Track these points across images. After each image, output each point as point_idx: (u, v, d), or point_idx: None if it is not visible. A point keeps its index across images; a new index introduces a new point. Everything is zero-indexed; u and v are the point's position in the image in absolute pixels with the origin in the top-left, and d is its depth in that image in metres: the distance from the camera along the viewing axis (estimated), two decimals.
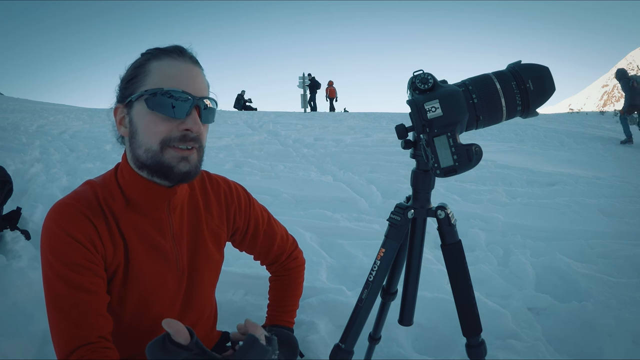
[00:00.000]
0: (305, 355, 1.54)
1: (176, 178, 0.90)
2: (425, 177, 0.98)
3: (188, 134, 0.88)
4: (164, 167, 0.89)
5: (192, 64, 0.92)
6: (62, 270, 0.86)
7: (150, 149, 0.88)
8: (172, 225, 1.00)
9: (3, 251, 2.25)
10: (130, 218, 0.95)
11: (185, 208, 1.04)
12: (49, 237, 0.89)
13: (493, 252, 2.57)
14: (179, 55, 0.91)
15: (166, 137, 0.87)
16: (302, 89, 19.83)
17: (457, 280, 1.01)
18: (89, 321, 0.85)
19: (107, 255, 0.92)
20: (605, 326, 1.70)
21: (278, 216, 1.35)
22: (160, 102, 0.86)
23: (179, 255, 1.02)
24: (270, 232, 1.23)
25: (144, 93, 0.87)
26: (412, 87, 0.86)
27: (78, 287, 0.86)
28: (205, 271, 1.08)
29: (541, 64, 0.87)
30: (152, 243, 0.98)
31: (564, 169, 5.16)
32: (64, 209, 0.90)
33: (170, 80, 0.88)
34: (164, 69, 0.89)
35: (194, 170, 0.91)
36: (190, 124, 0.88)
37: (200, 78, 0.93)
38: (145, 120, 0.88)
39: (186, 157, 0.89)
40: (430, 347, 1.70)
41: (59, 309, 0.86)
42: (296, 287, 1.30)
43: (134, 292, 0.97)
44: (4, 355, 1.47)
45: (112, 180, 0.97)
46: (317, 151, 6.12)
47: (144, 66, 0.90)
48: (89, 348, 0.84)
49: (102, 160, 4.99)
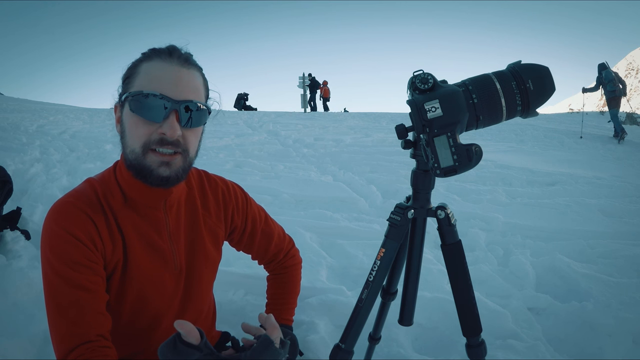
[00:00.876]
0: (305, 355, 1.54)
1: (155, 182, 0.90)
2: (425, 177, 0.98)
3: (165, 138, 0.87)
4: (144, 169, 0.89)
5: (181, 65, 0.91)
6: (61, 268, 0.87)
7: (134, 151, 0.89)
8: (168, 223, 1.01)
9: (3, 251, 2.25)
10: (129, 216, 0.96)
11: (183, 207, 1.05)
12: (49, 236, 0.89)
13: (493, 252, 2.57)
14: (168, 56, 0.90)
15: (146, 140, 0.88)
16: (302, 89, 19.82)
17: (457, 280, 1.01)
18: (88, 320, 0.86)
19: (106, 252, 0.93)
20: (605, 326, 1.70)
21: (278, 216, 1.35)
22: (140, 105, 0.87)
23: (176, 254, 1.02)
24: (268, 230, 1.24)
25: (128, 95, 0.89)
26: (412, 87, 0.86)
27: (77, 286, 0.86)
28: (203, 269, 1.09)
29: (541, 64, 0.87)
30: (149, 241, 0.98)
31: (564, 169, 5.16)
32: (63, 208, 0.91)
33: (152, 83, 0.88)
34: (150, 71, 0.89)
35: (174, 176, 0.90)
36: (166, 128, 0.87)
37: (187, 80, 0.91)
38: (129, 122, 0.89)
39: (167, 162, 0.89)
40: (430, 347, 1.70)
41: (58, 307, 0.86)
42: (294, 285, 1.30)
43: (132, 289, 0.97)
44: (4, 355, 1.47)
45: (111, 178, 0.98)
46: (317, 151, 6.12)
47: (136, 67, 0.91)
48: (88, 346, 0.84)
49: (102, 160, 4.99)
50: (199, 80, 0.94)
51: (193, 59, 0.94)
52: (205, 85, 0.97)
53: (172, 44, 0.93)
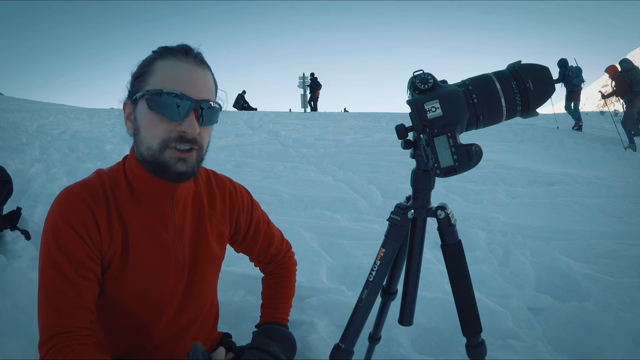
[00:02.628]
0: (305, 355, 1.54)
1: (172, 177, 0.92)
2: (425, 177, 0.98)
3: (185, 136, 0.90)
4: (162, 165, 0.91)
5: (197, 65, 0.93)
6: (57, 256, 0.90)
7: (150, 148, 0.91)
8: (174, 218, 1.02)
9: (3, 251, 2.25)
10: (134, 209, 0.98)
11: (189, 203, 1.06)
12: (51, 223, 0.92)
13: (493, 252, 2.57)
14: (184, 55, 0.92)
15: (165, 137, 0.90)
16: (302, 89, 19.79)
17: (457, 280, 1.01)
18: (72, 312, 0.89)
19: (102, 244, 0.94)
20: (605, 326, 1.70)
21: (278, 216, 1.36)
22: (159, 104, 0.89)
23: (180, 249, 1.03)
24: (270, 233, 1.26)
25: (146, 93, 0.90)
26: (412, 87, 0.86)
27: (66, 278, 0.89)
28: (207, 266, 1.10)
29: (541, 64, 0.87)
30: (153, 235, 1.00)
31: (564, 169, 5.16)
32: (66, 197, 0.94)
33: (171, 82, 0.89)
34: (167, 69, 0.91)
35: (190, 170, 0.93)
36: (186, 127, 0.89)
37: (203, 79, 0.93)
38: (146, 119, 0.91)
39: (184, 158, 0.91)
40: (430, 347, 1.70)
41: (48, 295, 0.90)
42: (290, 287, 1.31)
43: (132, 282, 0.98)
44: (4, 355, 1.47)
45: (119, 171, 1.00)
46: (317, 151, 6.12)
47: (150, 65, 0.93)
48: (68, 336, 0.88)
49: (102, 160, 4.98)
50: (211, 79, 0.97)
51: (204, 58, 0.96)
52: (216, 85, 1.00)
53: (185, 44, 0.95)
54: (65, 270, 0.89)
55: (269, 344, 1.10)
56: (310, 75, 19.25)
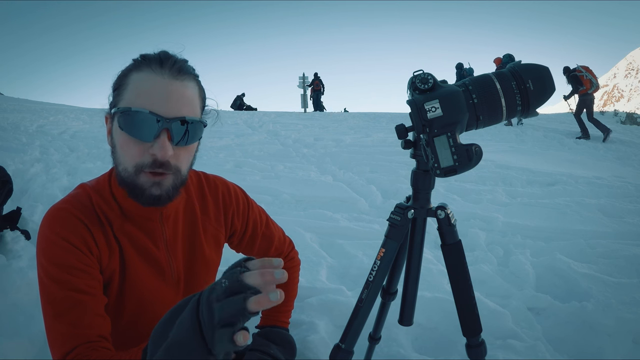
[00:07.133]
0: (305, 355, 1.54)
1: (147, 201, 0.87)
2: (425, 177, 0.98)
3: (157, 160, 0.83)
4: (136, 189, 0.86)
5: (173, 77, 0.84)
6: (57, 273, 0.84)
7: (126, 170, 0.86)
8: (165, 234, 0.99)
9: (3, 251, 2.25)
10: (124, 226, 0.94)
11: (181, 215, 1.03)
12: (44, 243, 0.87)
13: (493, 252, 2.57)
14: (159, 67, 0.84)
15: (139, 162, 0.84)
16: (302, 89, 19.76)
17: (457, 280, 1.01)
18: (87, 321, 0.84)
19: (102, 258, 0.91)
20: (605, 326, 1.70)
21: (278, 216, 1.35)
22: (128, 123, 0.82)
23: (173, 264, 1.01)
24: (268, 234, 1.22)
25: (117, 110, 0.85)
26: (412, 87, 0.86)
27: (74, 289, 0.84)
28: (203, 274, 1.08)
29: (541, 64, 0.87)
30: (145, 252, 0.97)
31: (564, 169, 5.16)
32: (57, 214, 0.89)
33: (142, 98, 0.82)
34: (139, 84, 0.84)
35: (164, 195, 0.87)
36: (157, 149, 0.82)
37: (179, 93, 0.84)
38: (119, 139, 0.86)
39: (158, 182, 0.85)
40: (430, 347, 1.70)
41: (56, 313, 0.84)
42: (292, 288, 1.30)
43: (131, 298, 0.96)
44: (4, 355, 1.47)
45: (105, 188, 0.95)
46: (317, 151, 6.12)
47: (125, 77, 0.86)
48: (89, 346, 0.82)
49: (102, 160, 4.98)
50: (193, 90, 0.88)
51: (188, 65, 0.89)
52: (201, 95, 0.92)
53: (164, 51, 0.88)
54: (69, 281, 0.84)
55: (269, 346, 1.11)
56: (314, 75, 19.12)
